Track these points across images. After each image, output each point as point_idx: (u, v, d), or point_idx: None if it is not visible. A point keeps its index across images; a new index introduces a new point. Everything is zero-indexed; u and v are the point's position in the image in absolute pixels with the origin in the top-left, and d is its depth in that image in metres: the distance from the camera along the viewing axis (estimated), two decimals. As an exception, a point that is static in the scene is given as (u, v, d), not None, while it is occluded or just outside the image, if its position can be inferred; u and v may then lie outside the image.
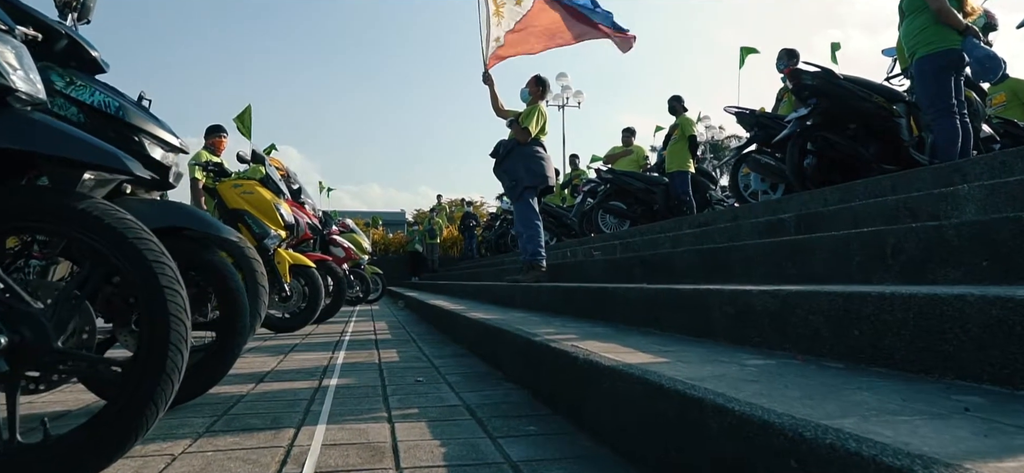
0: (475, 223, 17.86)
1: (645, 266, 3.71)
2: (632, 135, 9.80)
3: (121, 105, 1.91)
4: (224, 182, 4.69)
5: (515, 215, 5.48)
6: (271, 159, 5.65)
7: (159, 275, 1.25)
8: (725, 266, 2.91)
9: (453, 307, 4.97)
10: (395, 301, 10.33)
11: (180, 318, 1.26)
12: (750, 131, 5.83)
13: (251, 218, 4.63)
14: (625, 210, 8.58)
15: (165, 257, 1.29)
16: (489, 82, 5.60)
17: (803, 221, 3.22)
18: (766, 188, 5.80)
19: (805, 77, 4.77)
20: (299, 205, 5.71)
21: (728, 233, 3.90)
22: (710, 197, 9.10)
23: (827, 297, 1.53)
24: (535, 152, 5.31)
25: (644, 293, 2.56)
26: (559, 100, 19.51)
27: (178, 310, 1.26)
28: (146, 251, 1.26)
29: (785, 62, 6.62)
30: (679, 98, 8.31)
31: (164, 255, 1.29)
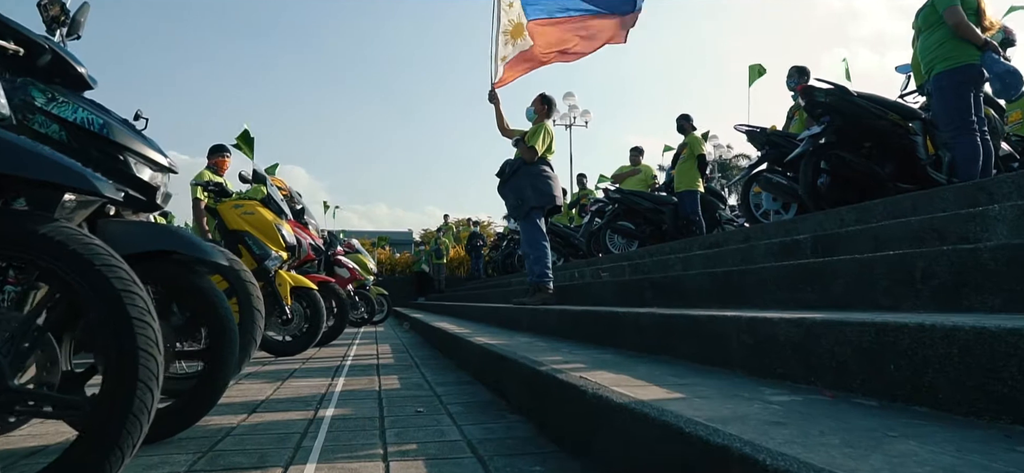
0: (482, 243, 17.77)
1: (655, 289, 3.58)
2: (640, 154, 9.70)
3: (106, 122, 1.82)
4: (224, 202, 4.61)
5: (522, 235, 5.37)
6: (273, 179, 5.58)
7: (128, 305, 1.14)
8: (739, 290, 2.78)
9: (457, 330, 4.85)
10: (400, 322, 10.21)
11: (150, 353, 1.15)
12: (761, 150, 5.71)
13: (252, 239, 4.54)
14: (633, 230, 8.45)
15: (135, 286, 1.18)
16: (495, 101, 5.52)
17: (820, 242, 3.09)
18: (778, 208, 5.67)
19: (818, 94, 4.66)
20: (302, 226, 5.62)
21: (741, 255, 3.77)
22: (720, 217, 8.97)
23: (857, 327, 1.40)
24: (542, 171, 5.21)
25: (656, 319, 2.44)
26: (566, 119, 19.48)
27: (148, 344, 1.15)
28: (114, 279, 1.15)
29: (796, 79, 6.53)
30: (687, 117, 8.22)
31: (134, 283, 1.18)
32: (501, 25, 5.48)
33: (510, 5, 5.50)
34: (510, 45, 5.55)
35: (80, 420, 1.33)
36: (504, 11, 5.47)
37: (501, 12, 5.48)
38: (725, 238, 5.01)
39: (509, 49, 5.59)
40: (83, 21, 2.25)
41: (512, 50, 5.62)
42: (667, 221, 8.31)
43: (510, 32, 5.51)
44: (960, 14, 3.84)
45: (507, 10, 5.48)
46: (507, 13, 5.48)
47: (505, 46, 5.53)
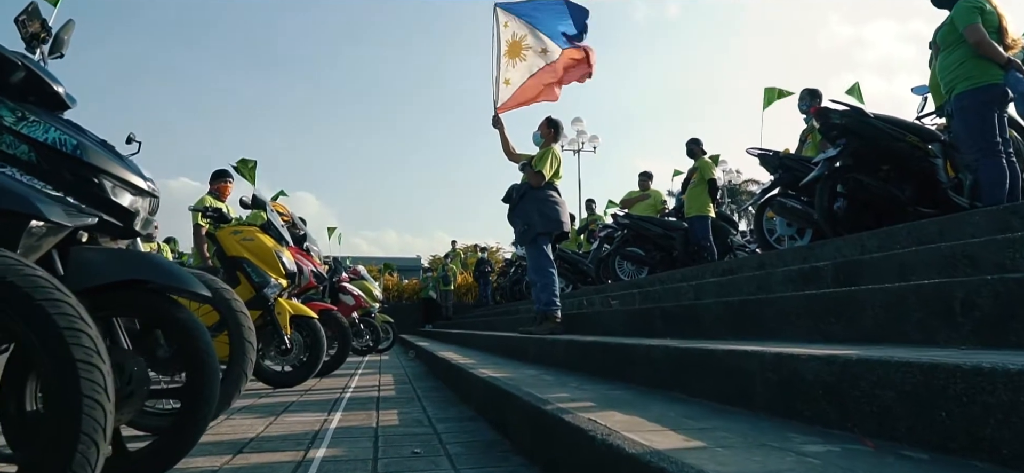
0: (490, 269, 17.62)
1: (667, 318, 3.42)
2: (649, 179, 9.57)
3: (79, 144, 1.70)
4: (223, 229, 4.51)
5: (528, 262, 5.23)
6: (275, 205, 5.49)
7: (72, 345, 1.01)
8: (758, 320, 2.62)
9: (462, 360, 4.69)
10: (406, 351, 10.04)
11: (96, 400, 1.01)
12: (774, 174, 5.56)
13: (250, 266, 4.42)
14: (643, 256, 8.28)
15: (82, 323, 1.05)
16: (499, 126, 5.42)
17: (842, 270, 2.93)
18: (792, 233, 5.50)
19: (834, 116, 4.52)
20: (304, 252, 5.51)
21: (757, 282, 3.60)
22: (731, 242, 8.79)
23: (900, 368, 1.24)
24: (549, 196, 5.08)
25: (669, 353, 2.28)
26: (574, 145, 19.43)
27: (95, 390, 1.01)
28: (58, 315, 1.02)
29: (808, 102, 6.40)
30: (697, 140, 8.09)
31: (81, 321, 1.05)
32: (501, 47, 5.40)
33: (505, 25, 5.43)
34: (511, 67, 5.46)
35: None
36: (502, 31, 5.41)
37: (500, 33, 5.41)
38: (738, 265, 4.85)
39: (512, 71, 5.50)
40: (67, 39, 2.15)
41: (515, 72, 5.53)
42: (677, 247, 8.15)
43: (508, 53, 5.43)
44: (981, 32, 3.70)
45: (504, 30, 5.42)
46: (504, 33, 5.42)
47: (508, 68, 5.45)
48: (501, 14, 5.52)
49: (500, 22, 5.51)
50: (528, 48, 5.60)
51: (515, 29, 5.55)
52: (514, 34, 5.55)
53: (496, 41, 5.48)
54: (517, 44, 5.56)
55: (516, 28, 5.55)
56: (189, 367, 1.81)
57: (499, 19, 5.50)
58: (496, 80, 5.46)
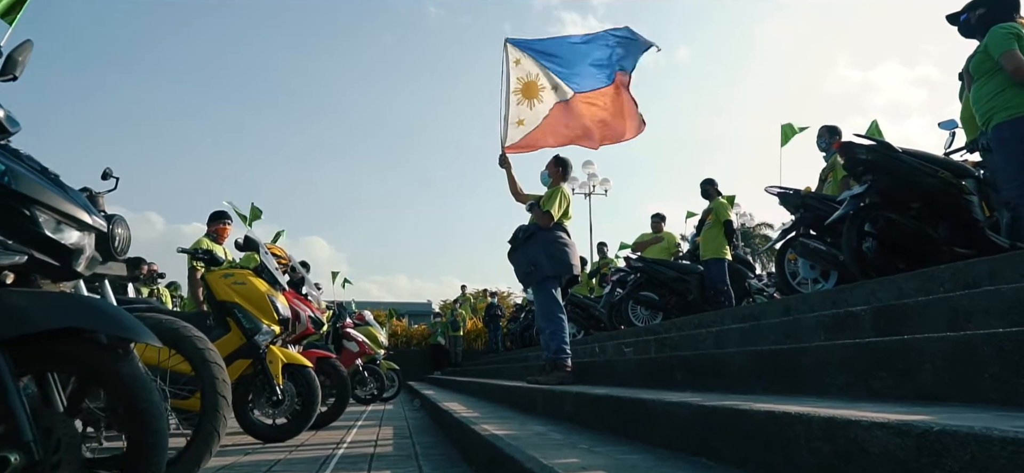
0: (500, 314, 17.28)
1: (688, 369, 3.12)
2: (662, 221, 9.31)
3: (8, 169, 1.48)
4: (214, 272, 4.28)
5: (537, 307, 4.95)
6: (272, 247, 5.28)
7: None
8: (792, 372, 2.32)
9: (466, 413, 4.38)
10: (412, 399, 9.69)
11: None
12: (795, 213, 5.29)
13: (241, 311, 4.18)
14: (657, 301, 7.97)
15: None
16: (506, 165, 5.22)
17: (882, 316, 2.63)
18: (816, 276, 5.19)
19: (859, 151, 4.27)
20: (302, 297, 5.27)
21: (784, 329, 3.30)
22: (749, 286, 8.46)
23: (1008, 446, 0.96)
24: (558, 237, 4.83)
25: (693, 411, 1.98)
26: (586, 188, 19.25)
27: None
28: None
29: (827, 139, 6.16)
30: (712, 181, 7.86)
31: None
32: (511, 84, 5.23)
33: (517, 62, 5.26)
34: (524, 105, 5.27)
35: None
36: (512, 68, 5.23)
37: (510, 70, 5.24)
38: (761, 310, 4.54)
39: (524, 111, 5.31)
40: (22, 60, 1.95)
41: (529, 113, 5.34)
42: (693, 291, 7.83)
43: (521, 91, 5.25)
44: (1019, 58, 3.46)
45: (515, 68, 5.24)
46: (515, 70, 5.24)
47: (518, 107, 5.26)
48: (511, 50, 5.36)
49: (510, 58, 5.35)
50: (543, 88, 5.43)
51: (529, 68, 5.39)
52: (528, 73, 5.38)
53: (505, 77, 5.31)
54: (533, 84, 5.39)
55: (530, 67, 5.39)
56: (129, 430, 1.55)
57: (509, 55, 5.34)
58: (505, 118, 5.28)
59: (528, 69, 5.39)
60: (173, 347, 2.44)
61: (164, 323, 2.44)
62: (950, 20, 4.13)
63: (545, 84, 5.35)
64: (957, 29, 4.10)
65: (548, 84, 5.37)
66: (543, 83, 5.32)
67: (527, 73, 5.39)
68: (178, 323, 2.46)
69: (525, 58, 5.41)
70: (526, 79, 5.37)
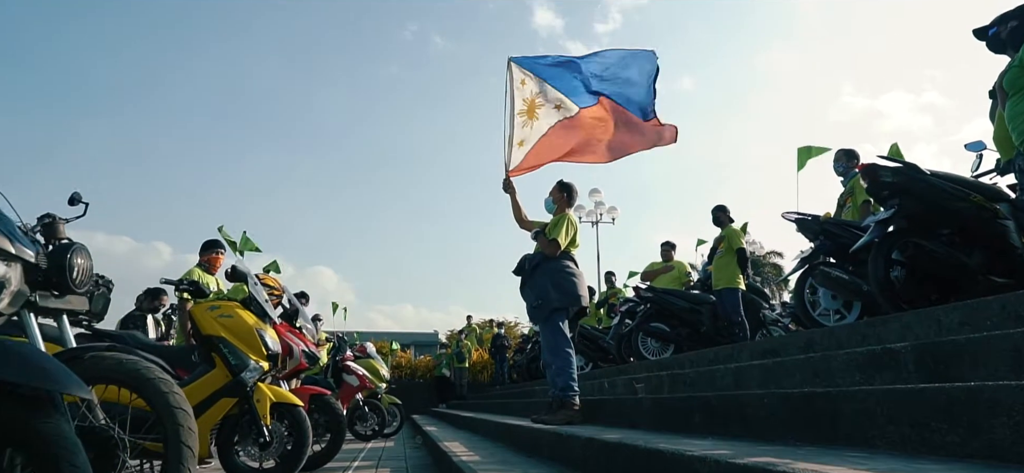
0: (507, 345, 16.93)
1: (707, 412, 2.83)
2: (672, 249, 9.04)
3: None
4: (200, 304, 4.05)
5: (543, 341, 4.68)
6: (264, 277, 5.05)
7: None
8: (829, 420, 2.04)
9: (467, 456, 4.09)
10: (414, 435, 9.36)
11: None
12: (814, 240, 5.02)
13: (228, 346, 3.93)
14: (668, 333, 7.66)
15: None
16: (510, 190, 5.00)
17: (927, 355, 2.35)
18: (838, 307, 4.90)
19: (884, 173, 4.01)
20: (295, 330, 5.02)
21: (812, 368, 3.01)
22: (763, 317, 8.16)
23: None
24: (565, 267, 4.59)
25: (722, 468, 1.71)
26: (593, 216, 19.01)
27: None
28: None
29: (844, 163, 5.92)
30: (724, 208, 7.60)
31: None
32: (515, 106, 5.02)
33: (523, 83, 5.07)
34: (527, 127, 5.07)
35: None
36: (517, 89, 5.03)
37: (515, 91, 5.04)
38: (781, 345, 4.25)
39: (527, 131, 5.10)
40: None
41: (530, 132, 5.13)
42: (705, 322, 7.53)
43: (525, 112, 5.05)
44: (1059, 73, 3.22)
45: (520, 88, 5.04)
46: (520, 91, 5.04)
47: (522, 128, 5.05)
48: (516, 71, 5.17)
49: (516, 79, 5.15)
50: (542, 105, 5.23)
51: (533, 87, 5.20)
52: (532, 92, 5.19)
53: (510, 98, 5.11)
54: (534, 104, 5.20)
55: (534, 86, 5.20)
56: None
57: (514, 75, 5.15)
58: (509, 140, 5.07)
59: (532, 88, 5.19)
60: (133, 390, 2.19)
61: (124, 364, 2.19)
62: (978, 35, 3.91)
63: (544, 101, 5.16)
64: (986, 44, 3.88)
65: (547, 100, 5.17)
66: (541, 100, 5.13)
67: (531, 92, 5.20)
68: (141, 363, 2.21)
69: (530, 77, 5.22)
70: (529, 99, 5.18)
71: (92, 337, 4.19)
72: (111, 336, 4.44)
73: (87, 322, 4.25)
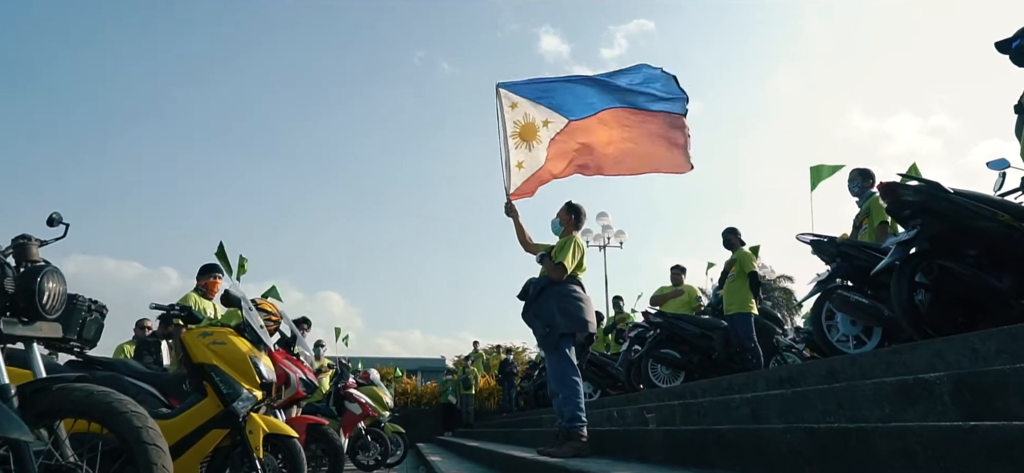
0: (515, 371, 16.66)
1: (724, 446, 2.64)
2: (682, 273, 8.84)
3: None
4: (191, 330, 3.89)
5: (549, 369, 4.49)
6: (262, 303, 4.90)
7: None
8: (864, 460, 1.85)
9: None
10: (417, 465, 9.12)
11: None
12: (830, 263, 4.83)
13: (219, 374, 3.76)
14: (679, 359, 7.44)
15: None
16: (513, 214, 4.87)
17: (965, 387, 2.15)
18: (857, 332, 4.68)
19: (905, 192, 3.84)
20: (293, 357, 4.86)
21: (835, 398, 2.81)
22: (777, 343, 7.92)
23: None
24: (572, 291, 4.42)
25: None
26: (600, 240, 18.83)
27: None
28: None
29: (860, 183, 5.74)
30: (735, 230, 7.41)
31: None
32: (508, 128, 4.95)
33: (514, 106, 5.00)
34: (523, 148, 4.98)
35: None
36: (508, 112, 4.96)
37: (505, 114, 4.97)
38: (799, 373, 4.04)
39: (524, 154, 5.01)
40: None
41: (528, 155, 5.04)
42: (717, 348, 7.30)
43: (519, 135, 4.98)
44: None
45: (511, 111, 4.98)
46: (512, 114, 4.98)
47: (517, 150, 4.97)
48: (506, 95, 5.10)
49: (505, 103, 5.08)
50: (542, 127, 5.13)
51: (526, 110, 5.11)
52: (526, 115, 5.11)
53: (502, 123, 5.03)
54: (531, 126, 5.11)
55: (527, 109, 5.12)
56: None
57: (503, 100, 5.08)
58: (506, 163, 4.97)
59: (525, 111, 5.12)
60: (103, 424, 2.03)
61: (95, 396, 2.04)
62: (1000, 48, 3.75)
63: (541, 122, 5.07)
64: (1008, 57, 3.72)
65: (544, 120, 5.08)
66: (539, 122, 5.04)
67: (524, 115, 5.13)
68: (112, 395, 2.06)
69: (521, 100, 5.14)
70: (523, 122, 5.10)
71: (83, 365, 4.05)
72: (103, 364, 4.29)
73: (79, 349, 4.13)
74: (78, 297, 4.09)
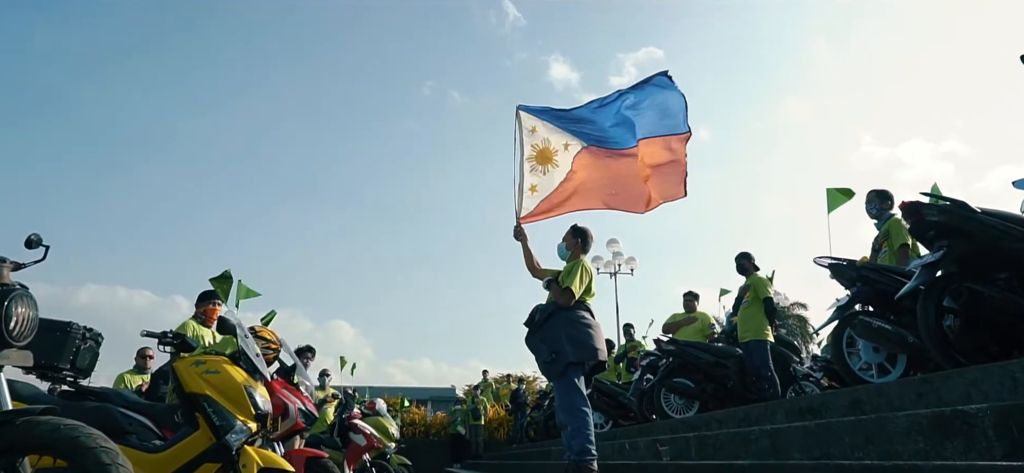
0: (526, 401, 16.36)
1: (744, 484, 2.44)
2: (695, 299, 8.61)
3: None
4: (183, 359, 3.76)
5: (557, 400, 4.31)
6: (261, 330, 4.76)
7: None
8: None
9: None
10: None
11: None
12: (850, 287, 4.62)
13: (212, 405, 3.61)
14: (692, 389, 7.19)
15: None
16: (521, 238, 4.73)
17: (1012, 420, 1.96)
18: (881, 360, 4.46)
19: (929, 212, 3.66)
20: (292, 387, 4.71)
21: (864, 432, 2.61)
22: (794, 372, 7.65)
23: None
24: (580, 318, 4.26)
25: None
26: (611, 267, 18.60)
27: None
28: None
29: (878, 205, 5.55)
30: (748, 255, 7.22)
31: None
32: (524, 152, 4.83)
33: (533, 130, 4.89)
34: (538, 172, 4.85)
35: None
36: (527, 136, 4.85)
37: (524, 137, 4.85)
38: (822, 403, 3.82)
39: (538, 177, 4.87)
40: None
41: (542, 178, 4.90)
42: (732, 377, 7.06)
43: (535, 158, 4.85)
44: None
45: (530, 135, 4.86)
46: (530, 138, 4.86)
47: (532, 174, 4.83)
48: (526, 118, 4.99)
49: (525, 126, 4.97)
50: (558, 152, 5.01)
51: (544, 134, 5.00)
52: (544, 140, 4.99)
53: (519, 145, 4.91)
54: (548, 151, 4.99)
55: (547, 133, 5.00)
56: None
57: (523, 123, 4.97)
58: (519, 187, 4.85)
59: (543, 135, 5.00)
60: (70, 460, 1.89)
61: (61, 431, 1.90)
62: (1026, 61, 3.59)
63: (560, 148, 4.94)
64: (1035, 72, 3.55)
65: (564, 147, 4.95)
66: (557, 147, 4.92)
67: (543, 140, 5.00)
68: (81, 429, 1.92)
69: (540, 124, 5.02)
70: (541, 145, 4.97)
71: (76, 395, 3.91)
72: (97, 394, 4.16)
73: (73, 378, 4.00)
74: (72, 325, 3.96)
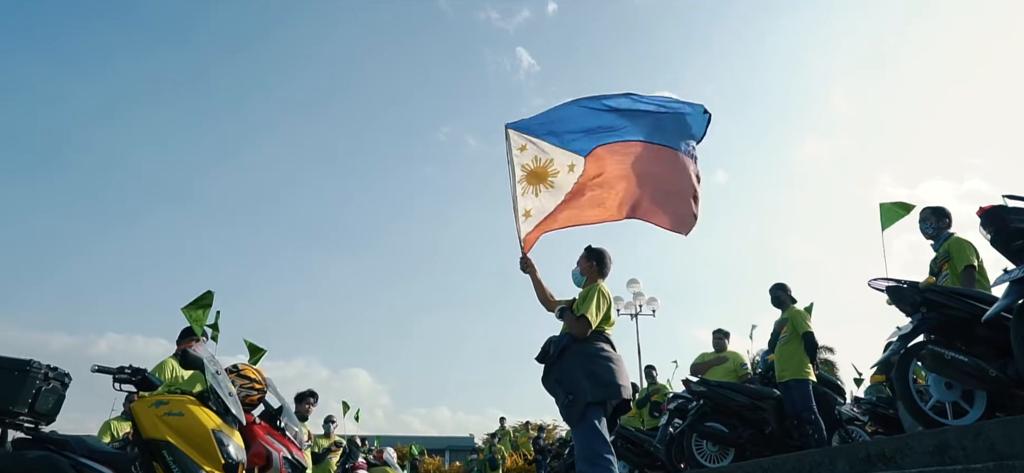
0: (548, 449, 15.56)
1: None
2: (725, 338, 7.97)
3: None
4: (143, 398, 3.27)
5: (577, 446, 3.75)
6: (245, 368, 4.26)
7: None
8: None
9: None
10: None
11: None
12: (912, 313, 4.02)
13: (173, 453, 3.10)
14: (727, 434, 6.51)
15: None
16: (529, 268, 4.24)
17: None
18: (956, 398, 3.82)
19: (1015, 218, 3.09)
20: (278, 432, 4.19)
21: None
22: (839, 415, 6.94)
23: None
24: (600, 350, 3.73)
25: None
26: (631, 308, 17.91)
27: None
28: None
29: (934, 224, 4.99)
30: (784, 286, 6.61)
31: None
32: (516, 175, 4.38)
33: (522, 149, 4.46)
34: (530, 195, 4.41)
35: None
36: (516, 156, 4.41)
37: (513, 158, 4.41)
38: (895, 449, 3.20)
39: (531, 200, 4.43)
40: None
41: (535, 201, 4.45)
42: (771, 421, 6.38)
43: (525, 180, 4.41)
44: None
45: (519, 154, 4.43)
46: (520, 157, 4.43)
47: (524, 197, 4.39)
48: (515, 137, 4.54)
49: (514, 146, 4.52)
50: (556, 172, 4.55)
51: (536, 153, 4.55)
52: (536, 159, 4.54)
53: (511, 167, 4.46)
54: (541, 171, 4.54)
55: (537, 152, 4.56)
56: None
57: (512, 142, 4.52)
58: (517, 213, 4.39)
59: (535, 154, 4.55)
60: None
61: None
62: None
63: (562, 168, 4.50)
64: None
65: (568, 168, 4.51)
66: (554, 165, 4.48)
67: (533, 159, 4.55)
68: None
69: (530, 141, 4.57)
70: (532, 165, 4.53)
71: (32, 442, 3.43)
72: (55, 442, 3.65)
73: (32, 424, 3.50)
74: (32, 364, 3.47)
